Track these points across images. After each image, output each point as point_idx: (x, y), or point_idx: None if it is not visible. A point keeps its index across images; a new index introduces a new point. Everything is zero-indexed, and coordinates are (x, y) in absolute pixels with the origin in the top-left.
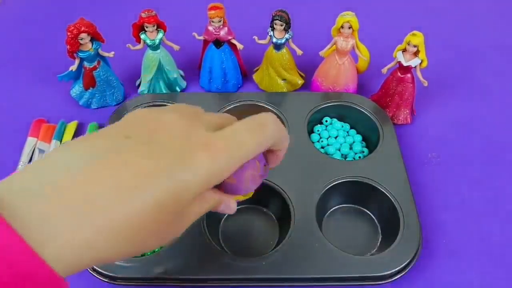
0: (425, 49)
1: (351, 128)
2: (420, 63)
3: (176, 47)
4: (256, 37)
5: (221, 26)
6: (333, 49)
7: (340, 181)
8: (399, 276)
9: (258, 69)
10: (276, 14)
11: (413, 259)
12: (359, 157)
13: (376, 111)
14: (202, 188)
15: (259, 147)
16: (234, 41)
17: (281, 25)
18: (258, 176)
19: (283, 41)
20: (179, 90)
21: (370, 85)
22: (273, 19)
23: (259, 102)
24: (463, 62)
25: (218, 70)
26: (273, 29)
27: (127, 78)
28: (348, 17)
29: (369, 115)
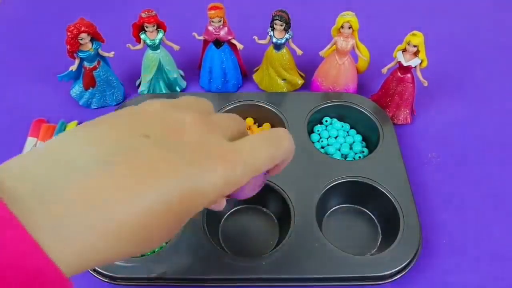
0: (425, 49)
1: (351, 128)
2: (420, 63)
3: (176, 47)
4: (256, 37)
5: (221, 26)
6: (333, 49)
7: (340, 181)
8: (399, 276)
9: (258, 69)
10: (276, 14)
11: (413, 259)
12: (359, 157)
13: (376, 111)
14: (216, 198)
15: (272, 163)
16: (234, 41)
17: (281, 25)
18: (258, 186)
19: (283, 41)
20: (179, 90)
21: (370, 85)
22: (273, 19)
23: (259, 102)
24: (463, 62)
25: (218, 70)
26: (273, 29)
27: (127, 78)
28: (348, 17)
29: (369, 115)
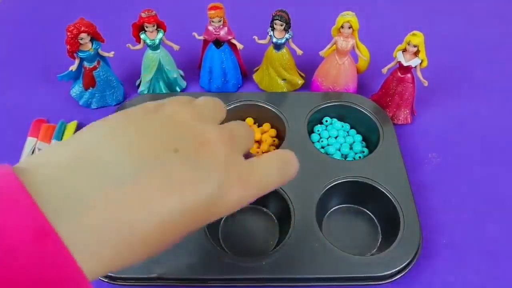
0: (425, 49)
1: (351, 128)
2: (420, 63)
3: (176, 47)
4: (256, 37)
5: (221, 26)
6: (333, 49)
7: (340, 181)
8: (399, 276)
9: (258, 69)
10: (276, 14)
11: (413, 259)
12: (359, 157)
13: (376, 111)
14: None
15: (278, 186)
16: (234, 41)
17: (281, 25)
18: None
19: (283, 41)
20: (179, 90)
21: (370, 85)
22: (273, 19)
23: (259, 102)
24: (463, 62)
25: (218, 70)
26: (273, 29)
27: (127, 78)
28: (348, 17)
29: (369, 115)
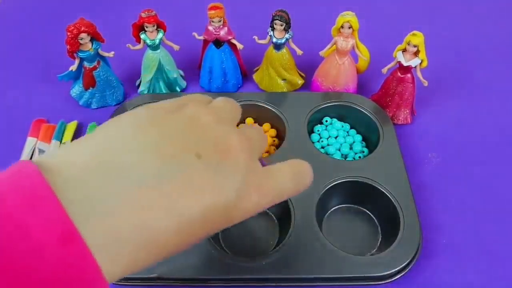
0: (425, 49)
1: (351, 128)
2: (420, 63)
3: (176, 47)
4: (256, 37)
5: (221, 26)
6: (333, 49)
7: (340, 181)
8: (399, 276)
9: (258, 69)
10: (276, 14)
11: (413, 259)
12: (359, 157)
13: (376, 111)
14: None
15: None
16: (234, 41)
17: (281, 25)
18: None
19: (283, 41)
20: (179, 90)
21: (370, 85)
22: (273, 19)
23: (259, 102)
24: (463, 62)
25: (218, 70)
26: (273, 29)
27: (127, 78)
28: (348, 17)
29: (369, 115)
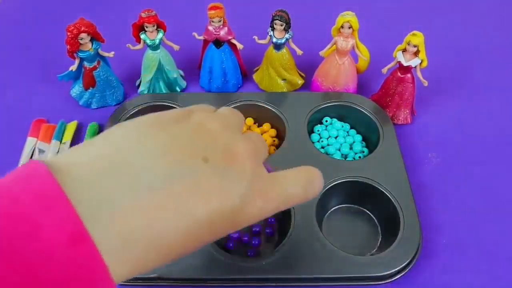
0: (425, 49)
1: (351, 128)
2: (420, 63)
3: (176, 47)
4: (256, 37)
5: (221, 26)
6: (333, 49)
7: (340, 181)
8: (399, 276)
9: (258, 69)
10: (276, 14)
11: (413, 259)
12: (359, 157)
13: (376, 111)
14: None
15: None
16: (234, 41)
17: (281, 25)
18: None
19: (283, 41)
20: (179, 90)
21: (370, 85)
22: (273, 19)
23: (259, 102)
24: (463, 62)
25: (218, 70)
26: (273, 29)
27: (127, 78)
28: (348, 17)
29: (369, 115)
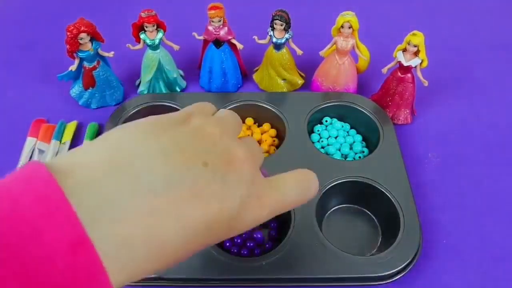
0: (426, 49)
1: (351, 128)
2: (421, 63)
3: (176, 47)
4: (256, 37)
5: (221, 26)
6: (333, 49)
7: (340, 181)
8: (399, 276)
9: (258, 69)
10: (276, 14)
11: (413, 259)
12: (359, 157)
13: (376, 111)
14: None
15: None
16: (234, 41)
17: (281, 25)
18: None
19: (283, 41)
20: (179, 90)
21: (370, 85)
22: (273, 19)
23: (259, 102)
24: (463, 62)
25: (218, 70)
26: (273, 29)
27: (127, 78)
28: (348, 17)
29: (369, 115)
